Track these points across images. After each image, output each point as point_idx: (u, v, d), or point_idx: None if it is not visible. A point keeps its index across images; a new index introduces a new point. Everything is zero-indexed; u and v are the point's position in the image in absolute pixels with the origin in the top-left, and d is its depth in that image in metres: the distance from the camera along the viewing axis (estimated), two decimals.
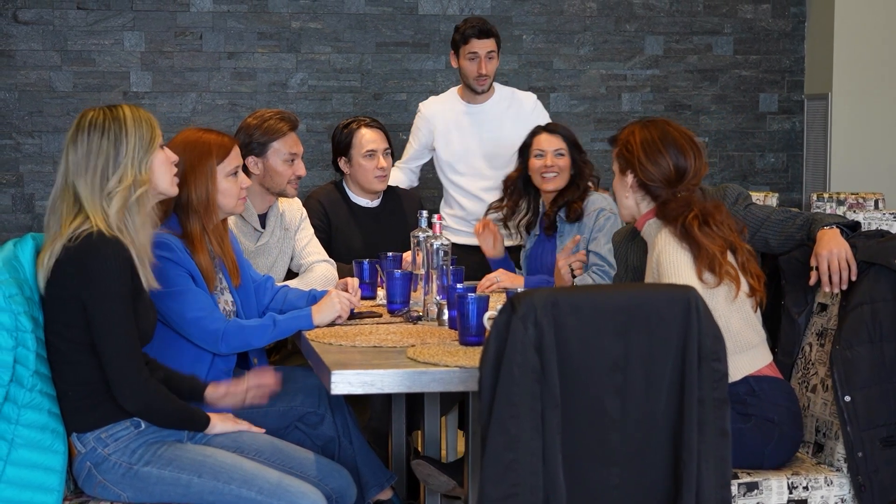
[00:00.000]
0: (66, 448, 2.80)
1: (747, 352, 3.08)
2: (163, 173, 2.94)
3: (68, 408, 2.84)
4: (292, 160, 4.05)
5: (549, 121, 4.80)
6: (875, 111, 6.18)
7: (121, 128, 2.85)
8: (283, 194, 4.08)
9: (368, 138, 4.44)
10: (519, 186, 4.34)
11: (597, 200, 4.23)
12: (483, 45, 4.74)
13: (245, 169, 4.11)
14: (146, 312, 2.89)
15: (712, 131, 6.26)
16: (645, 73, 6.21)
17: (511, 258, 4.49)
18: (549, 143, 4.26)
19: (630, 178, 3.15)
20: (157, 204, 2.97)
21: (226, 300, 3.35)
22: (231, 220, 4.02)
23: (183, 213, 3.24)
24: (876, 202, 5.50)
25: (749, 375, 3.09)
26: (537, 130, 4.33)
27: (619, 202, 3.23)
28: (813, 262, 3.13)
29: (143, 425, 2.87)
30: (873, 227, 3.27)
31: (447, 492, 3.41)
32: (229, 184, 3.33)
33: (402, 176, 4.95)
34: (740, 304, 3.07)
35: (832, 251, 3.09)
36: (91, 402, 2.84)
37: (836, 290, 3.11)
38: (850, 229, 3.17)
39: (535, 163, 4.26)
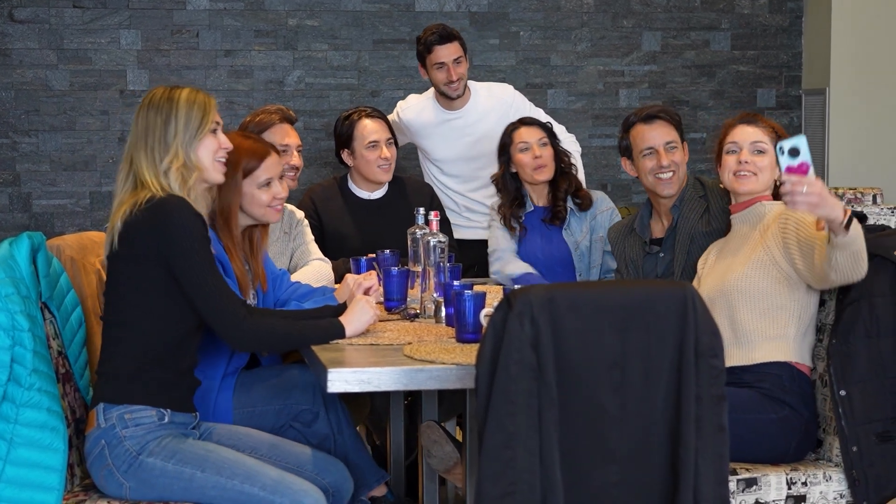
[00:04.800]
0: (65, 447, 2.80)
1: (808, 337, 3.16)
2: (206, 158, 2.96)
3: (107, 374, 2.88)
4: (283, 150, 4.06)
5: (530, 105, 4.79)
6: (873, 106, 6.17)
7: (171, 108, 2.92)
8: None
9: (370, 129, 4.42)
10: (508, 182, 4.31)
11: (604, 198, 4.29)
12: (447, 52, 4.63)
13: None
14: None
15: (710, 127, 6.25)
16: (642, 69, 6.20)
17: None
18: (532, 135, 4.25)
19: None
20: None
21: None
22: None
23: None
24: (874, 197, 5.49)
25: (793, 364, 3.12)
26: (515, 126, 4.30)
27: (764, 185, 3.32)
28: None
29: (166, 418, 2.89)
30: (871, 222, 3.27)
31: (445, 471, 3.32)
32: (260, 193, 3.32)
33: None
34: None
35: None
36: (132, 373, 2.86)
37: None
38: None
39: (522, 157, 4.23)
